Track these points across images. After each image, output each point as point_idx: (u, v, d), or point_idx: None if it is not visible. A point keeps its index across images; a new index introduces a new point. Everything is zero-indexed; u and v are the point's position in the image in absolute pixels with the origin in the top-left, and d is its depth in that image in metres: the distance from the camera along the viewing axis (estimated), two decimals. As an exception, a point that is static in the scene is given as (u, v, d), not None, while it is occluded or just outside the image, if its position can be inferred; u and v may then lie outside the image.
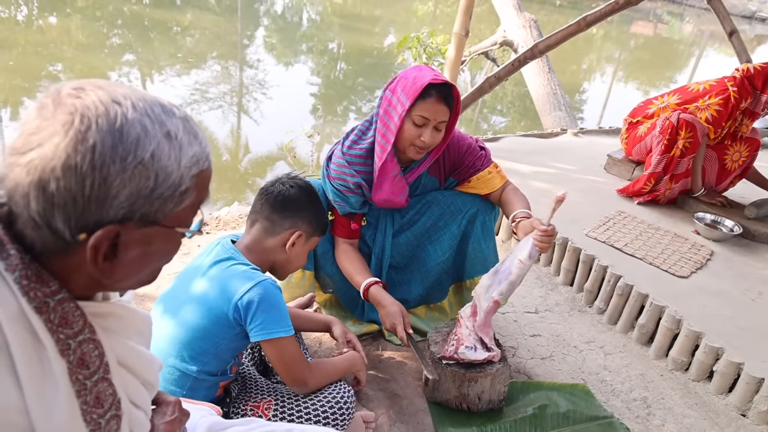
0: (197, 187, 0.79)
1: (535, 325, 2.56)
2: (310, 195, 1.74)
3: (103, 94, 0.72)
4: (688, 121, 3.22)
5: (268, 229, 1.68)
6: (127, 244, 0.76)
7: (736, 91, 3.27)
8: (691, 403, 2.24)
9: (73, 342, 0.76)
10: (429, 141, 1.89)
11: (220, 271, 1.58)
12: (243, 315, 1.54)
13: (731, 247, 3.13)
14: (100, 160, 0.69)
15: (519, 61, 3.92)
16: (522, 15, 7.30)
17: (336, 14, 15.66)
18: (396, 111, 1.89)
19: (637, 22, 23.66)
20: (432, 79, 1.83)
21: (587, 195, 3.46)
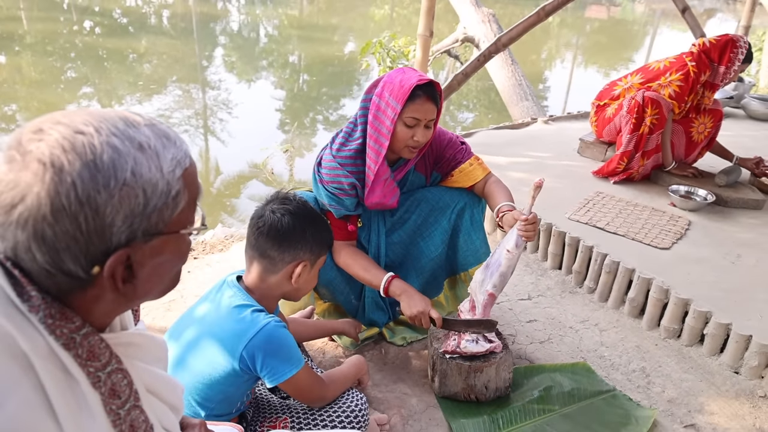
0: (187, 186, 0.79)
1: (530, 310, 2.63)
2: (306, 217, 1.64)
3: (63, 128, 0.71)
4: (653, 99, 3.33)
5: (269, 267, 1.61)
6: (141, 262, 0.78)
7: (695, 66, 3.39)
8: (687, 368, 2.33)
9: (102, 374, 0.79)
10: (422, 140, 1.96)
11: (225, 319, 1.57)
12: (251, 364, 1.55)
13: (707, 215, 3.24)
14: (85, 195, 0.69)
15: (484, 56, 4.01)
16: (480, 10, 7.42)
17: (293, 26, 15.69)
18: (387, 115, 1.95)
19: (591, 6, 24.04)
20: (418, 80, 1.91)
21: (564, 179, 3.55)
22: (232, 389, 1.59)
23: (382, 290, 2.06)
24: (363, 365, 1.92)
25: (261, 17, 16.51)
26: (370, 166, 2.04)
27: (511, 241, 1.91)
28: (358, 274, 2.12)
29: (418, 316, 1.99)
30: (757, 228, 3.17)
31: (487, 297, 1.97)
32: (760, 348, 2.21)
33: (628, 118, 3.40)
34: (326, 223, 1.71)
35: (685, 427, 2.05)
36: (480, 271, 2.01)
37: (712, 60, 3.44)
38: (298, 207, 1.63)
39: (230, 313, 1.58)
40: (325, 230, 1.69)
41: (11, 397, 0.69)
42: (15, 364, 0.70)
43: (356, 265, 2.12)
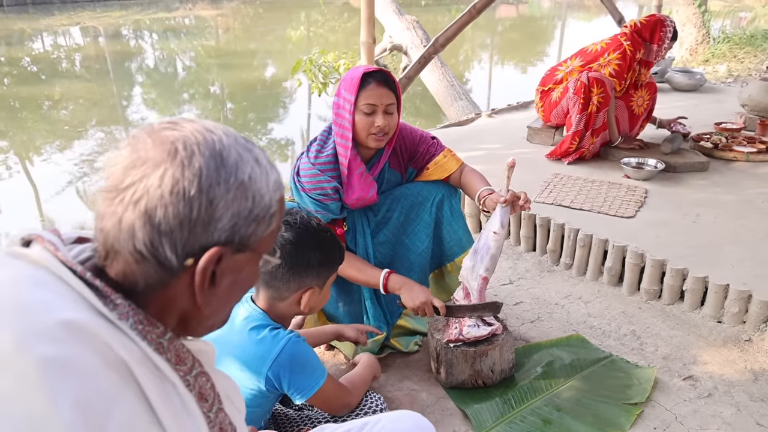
0: (279, 212, 0.81)
1: (514, 293, 2.67)
2: (310, 241, 1.56)
3: (197, 125, 0.75)
4: (597, 78, 3.47)
5: (275, 296, 1.57)
6: (224, 271, 0.76)
7: (630, 45, 3.57)
8: (673, 325, 2.42)
9: (190, 378, 0.77)
10: (383, 123, 1.99)
11: (244, 341, 1.54)
12: (277, 384, 1.52)
13: (660, 182, 3.38)
14: (207, 183, 0.71)
15: (425, 58, 4.08)
16: (404, 18, 7.54)
17: (211, 56, 15.48)
18: (345, 109, 2.01)
19: (500, 6, 24.87)
20: (366, 69, 1.99)
21: (520, 166, 3.57)
22: (258, 409, 1.56)
23: (382, 287, 2.05)
24: (376, 363, 1.90)
25: (176, 51, 16.21)
26: (342, 162, 2.05)
27: (496, 223, 1.94)
28: (352, 276, 2.10)
29: (421, 307, 1.99)
30: (708, 188, 3.33)
31: (481, 281, 1.99)
32: (738, 295, 2.31)
33: (575, 99, 3.52)
34: (333, 240, 1.65)
35: (684, 379, 2.12)
36: (469, 258, 2.02)
37: (644, 39, 3.62)
38: (299, 232, 1.56)
39: (249, 335, 1.55)
40: (333, 248, 1.63)
41: (117, 406, 0.65)
42: (115, 372, 0.67)
43: (350, 267, 2.10)
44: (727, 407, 1.99)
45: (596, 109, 3.50)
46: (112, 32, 17.60)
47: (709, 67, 8.00)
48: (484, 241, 1.98)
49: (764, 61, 8.22)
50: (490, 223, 1.97)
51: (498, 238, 1.95)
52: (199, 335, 0.84)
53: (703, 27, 8.92)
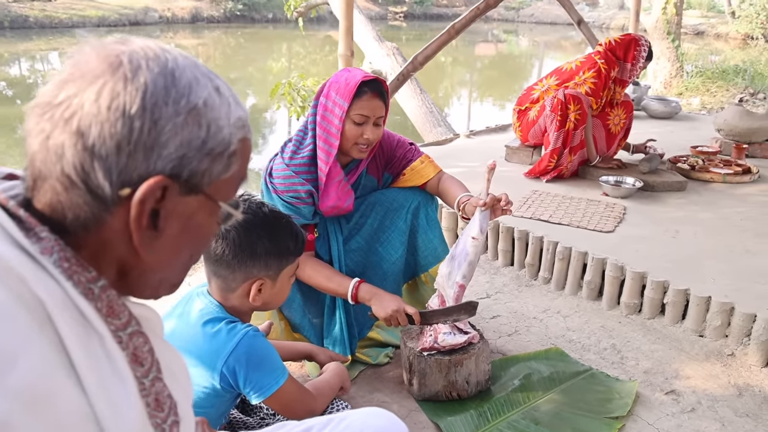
0: (242, 156, 0.71)
1: (491, 307, 2.58)
2: (258, 228, 1.43)
3: (150, 43, 0.66)
4: (574, 95, 3.46)
5: (223, 286, 1.46)
6: (169, 213, 0.66)
7: (604, 63, 3.57)
8: (654, 339, 2.34)
9: (124, 335, 0.66)
10: (372, 137, 1.91)
11: (198, 335, 1.42)
12: (233, 381, 1.41)
13: (638, 200, 3.35)
14: (152, 101, 0.61)
15: (403, 75, 4.05)
16: (383, 45, 7.58)
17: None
18: (335, 114, 1.90)
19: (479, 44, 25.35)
20: (363, 77, 1.88)
21: (498, 184, 3.53)
22: (213, 410, 1.44)
23: (350, 297, 1.95)
24: (345, 372, 1.78)
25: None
26: (322, 168, 1.96)
27: (475, 228, 1.86)
28: (321, 284, 2.00)
29: (393, 316, 1.89)
30: (686, 207, 3.30)
31: (457, 289, 1.90)
32: (720, 307, 2.25)
33: (552, 117, 3.50)
34: (288, 229, 1.50)
35: (666, 393, 2.04)
36: (445, 264, 1.94)
37: (618, 57, 3.63)
38: (247, 217, 1.43)
39: (203, 328, 1.43)
40: (286, 237, 1.49)
41: (25, 353, 0.54)
42: (28, 313, 0.56)
43: (319, 275, 2.00)
44: (712, 422, 1.90)
45: (573, 126, 3.48)
46: (91, 59, 17.50)
47: (683, 100, 8.13)
48: (462, 246, 1.90)
49: (736, 94, 8.39)
50: (468, 227, 1.89)
51: (477, 243, 1.86)
52: (145, 295, 0.73)
53: (677, 61, 9.11)
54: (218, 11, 26.09)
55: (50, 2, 22.46)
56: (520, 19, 30.24)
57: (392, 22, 29.16)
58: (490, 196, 1.85)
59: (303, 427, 1.18)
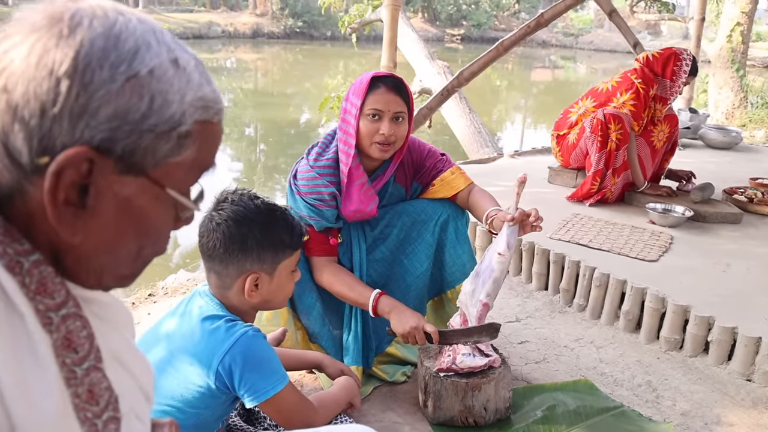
0: (200, 140, 0.64)
1: (520, 332, 2.44)
2: (247, 221, 1.38)
3: (108, 3, 0.60)
4: (614, 115, 3.30)
5: (219, 283, 1.41)
6: (101, 191, 0.59)
7: (641, 82, 3.40)
8: (695, 379, 2.16)
9: (55, 316, 0.59)
10: (388, 132, 1.83)
11: (196, 332, 1.37)
12: (228, 381, 1.34)
13: (687, 230, 3.15)
14: (84, 62, 0.55)
15: (447, 91, 3.97)
16: (435, 63, 7.53)
17: (248, 98, 15.76)
18: (351, 114, 1.87)
19: (536, 69, 25.12)
20: (376, 73, 1.87)
21: (538, 204, 3.37)
22: (208, 412, 1.37)
23: (371, 308, 1.87)
24: (354, 387, 1.69)
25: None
26: (343, 170, 1.90)
27: (502, 243, 1.76)
28: (341, 292, 1.92)
29: (411, 333, 1.79)
30: (740, 240, 3.09)
31: (480, 307, 1.79)
32: (770, 349, 2.06)
33: (593, 138, 3.35)
34: (284, 221, 1.44)
35: (705, 439, 1.87)
36: (469, 281, 1.83)
37: (656, 73, 3.46)
38: (236, 211, 1.38)
39: (202, 325, 1.38)
40: (280, 230, 1.42)
41: None
42: None
43: (339, 282, 1.93)
44: (755, 475, 1.72)
45: (615, 146, 3.32)
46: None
47: (745, 131, 7.77)
48: (488, 263, 1.79)
49: (804, 129, 7.97)
50: (495, 243, 1.79)
51: (503, 260, 1.76)
52: (88, 284, 0.66)
53: (741, 91, 8.73)
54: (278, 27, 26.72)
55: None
56: (578, 46, 29.88)
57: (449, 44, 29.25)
58: (519, 211, 1.75)
59: None
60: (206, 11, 28.29)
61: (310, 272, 1.98)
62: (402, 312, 1.83)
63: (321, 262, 1.95)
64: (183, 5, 29.66)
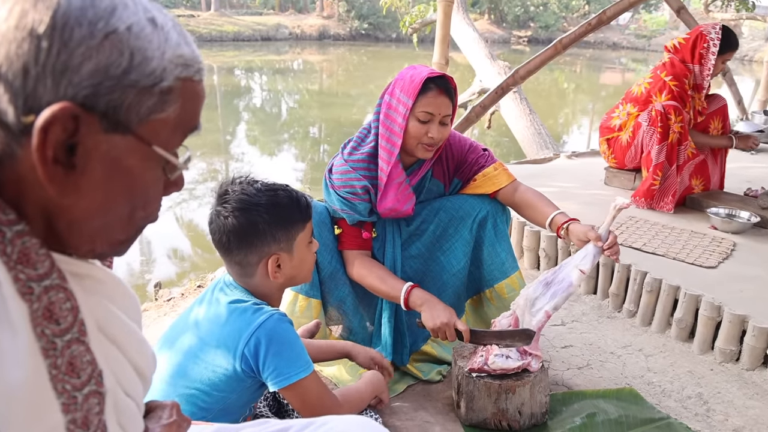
0: (183, 97, 0.65)
1: (565, 336, 2.36)
2: (252, 207, 1.38)
3: None
4: (675, 106, 3.15)
5: (241, 272, 1.43)
6: (89, 150, 0.59)
7: (672, 78, 3.23)
8: (751, 394, 2.03)
9: (36, 286, 0.60)
10: (437, 136, 1.82)
11: (223, 317, 1.39)
12: (253, 364, 1.35)
13: (752, 237, 2.97)
14: (63, 20, 0.56)
15: (502, 89, 3.90)
16: (495, 63, 7.43)
17: (313, 99, 16.01)
18: (398, 112, 1.83)
19: (605, 72, 24.40)
20: (429, 73, 1.80)
21: (592, 207, 3.32)
22: (234, 396, 1.38)
23: (402, 302, 1.84)
24: (381, 382, 1.67)
25: (282, 92, 16.90)
26: (383, 168, 1.88)
27: (588, 262, 1.72)
28: (373, 285, 1.91)
29: (442, 328, 1.76)
30: (811, 249, 2.89)
31: (543, 317, 1.73)
32: (836, 365, 1.91)
33: (652, 131, 3.19)
34: (287, 196, 1.43)
35: (758, 457, 1.75)
36: (534, 287, 1.78)
37: (686, 62, 3.28)
38: (240, 199, 1.38)
39: (228, 308, 1.40)
40: (287, 206, 1.42)
41: None
42: None
43: (371, 275, 1.91)
44: (811, 498, 1.60)
45: (678, 140, 3.16)
46: (224, 71, 18.66)
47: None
48: (565, 275, 1.74)
49: None
50: (578, 258, 1.74)
51: (582, 277, 1.72)
52: (82, 251, 0.67)
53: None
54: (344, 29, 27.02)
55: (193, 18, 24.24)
56: (651, 48, 28.84)
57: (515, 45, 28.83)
58: (612, 236, 1.73)
59: (281, 426, 1.09)
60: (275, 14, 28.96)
61: (343, 266, 1.97)
62: (434, 306, 1.80)
63: (353, 255, 1.94)
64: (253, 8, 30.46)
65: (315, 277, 1.95)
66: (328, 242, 1.96)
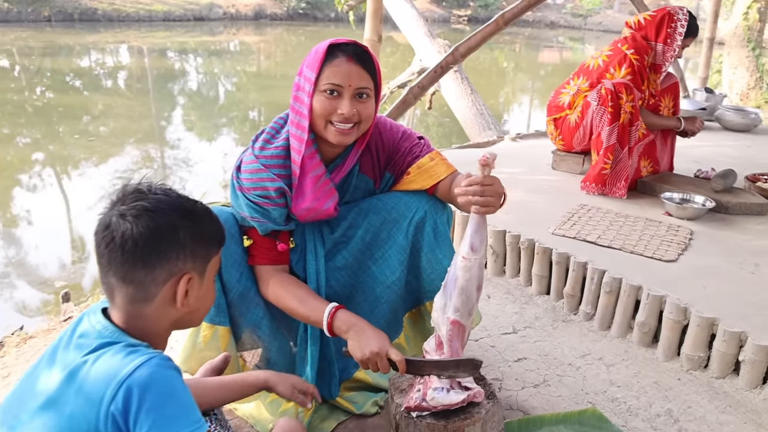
0: None
1: (517, 347, 2.10)
2: (173, 210, 1.12)
3: None
4: (625, 84, 2.96)
5: (138, 296, 1.10)
6: None
7: (634, 53, 3.07)
8: (723, 407, 1.82)
9: None
10: (349, 111, 1.50)
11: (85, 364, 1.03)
12: (122, 421, 0.98)
13: (708, 223, 2.79)
14: None
15: (441, 67, 3.60)
16: (435, 42, 7.14)
17: (251, 82, 15.40)
18: (305, 91, 1.53)
19: (543, 51, 24.54)
20: (333, 40, 1.50)
21: (541, 194, 3.08)
22: None
23: (326, 327, 1.52)
24: (298, 428, 1.36)
25: (218, 75, 16.20)
26: (295, 159, 1.56)
27: (465, 245, 1.40)
28: (291, 307, 1.58)
29: (372, 359, 1.45)
30: (767, 234, 2.72)
31: (449, 327, 1.44)
32: (817, 373, 1.71)
33: (602, 111, 2.98)
34: (206, 212, 1.18)
35: (739, 487, 1.52)
36: (440, 296, 1.48)
37: (649, 39, 3.11)
38: (158, 200, 1.10)
39: (93, 355, 1.03)
40: (206, 221, 1.17)
41: None
42: None
43: (289, 296, 1.59)
44: None
45: (629, 120, 2.96)
46: (155, 52, 17.75)
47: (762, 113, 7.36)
48: (453, 269, 1.44)
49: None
50: (461, 244, 1.43)
51: (467, 264, 1.40)
52: None
53: (757, 71, 8.28)
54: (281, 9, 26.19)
55: (120, -5, 22.98)
56: (587, 27, 29.15)
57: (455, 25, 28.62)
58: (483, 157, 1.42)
59: None
60: (207, -7, 27.77)
61: (255, 283, 1.64)
62: (362, 332, 1.49)
63: (267, 271, 1.61)
64: (183, -13, 29.16)
65: (221, 299, 1.61)
66: (236, 257, 1.62)
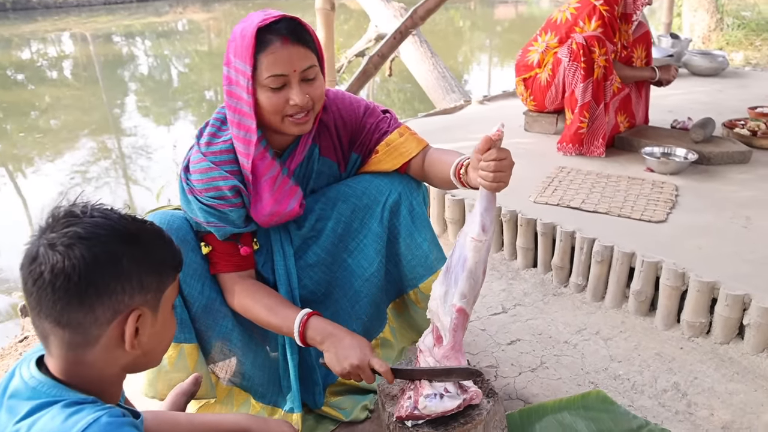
0: None
1: (509, 327, 1.97)
2: (113, 235, 0.91)
3: None
4: (597, 37, 2.81)
5: (75, 341, 0.90)
6: None
7: (604, 3, 2.91)
8: (731, 374, 1.72)
9: None
10: (303, 100, 1.31)
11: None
12: None
13: (692, 176, 2.69)
14: None
15: (400, 33, 3.40)
16: (390, 5, 6.87)
17: (204, 61, 14.88)
18: (240, 86, 1.33)
19: (499, 7, 24.26)
20: (261, 21, 1.28)
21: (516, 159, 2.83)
22: None
23: (298, 337, 1.36)
24: None
25: (170, 57, 15.62)
26: (244, 164, 1.38)
27: (476, 225, 1.25)
28: (261, 318, 1.42)
29: (353, 372, 1.30)
30: (752, 183, 2.63)
31: (455, 315, 1.29)
32: (828, 332, 1.61)
33: (575, 67, 2.82)
34: (155, 234, 0.98)
35: (760, 463, 1.43)
36: (439, 282, 1.32)
37: None
38: (94, 224, 0.89)
39: (24, 422, 0.86)
40: (156, 245, 0.97)
41: None
42: None
43: (257, 305, 1.42)
44: None
45: (603, 75, 2.82)
46: (100, 38, 17.03)
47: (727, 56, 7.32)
48: (459, 251, 1.28)
49: (786, 47, 7.54)
50: (468, 224, 1.28)
51: (479, 246, 1.25)
52: None
53: (717, 12, 8.23)
54: (228, -17, 25.35)
55: (55, -20, 21.94)
56: (541, -21, 28.94)
57: (409, -13, 28.18)
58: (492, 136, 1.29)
59: None
60: (149, -29, 26.70)
61: (220, 292, 1.46)
62: (339, 342, 1.33)
63: (231, 279, 1.44)
64: (123, -33, 27.99)
65: (183, 314, 1.43)
66: (195, 266, 1.44)
